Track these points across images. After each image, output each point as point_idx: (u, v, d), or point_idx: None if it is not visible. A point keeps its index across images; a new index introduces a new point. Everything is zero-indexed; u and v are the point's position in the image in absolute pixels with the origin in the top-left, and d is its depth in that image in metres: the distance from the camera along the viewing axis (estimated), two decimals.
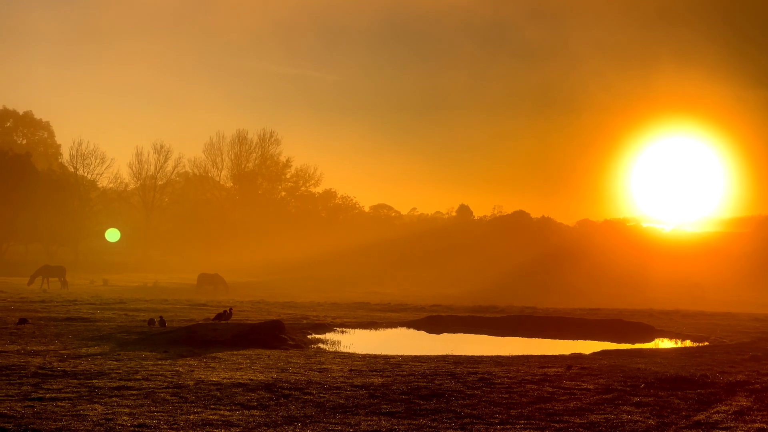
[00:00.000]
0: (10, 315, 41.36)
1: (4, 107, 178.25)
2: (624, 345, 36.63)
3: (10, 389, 19.87)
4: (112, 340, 31.82)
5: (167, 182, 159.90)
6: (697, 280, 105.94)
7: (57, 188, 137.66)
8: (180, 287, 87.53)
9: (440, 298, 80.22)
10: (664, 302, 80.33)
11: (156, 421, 16.90)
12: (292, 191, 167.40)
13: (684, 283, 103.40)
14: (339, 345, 34.59)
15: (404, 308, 59.61)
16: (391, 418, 17.93)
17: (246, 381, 22.17)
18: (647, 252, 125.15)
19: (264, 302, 62.21)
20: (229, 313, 39.50)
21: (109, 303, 54.32)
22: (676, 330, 44.03)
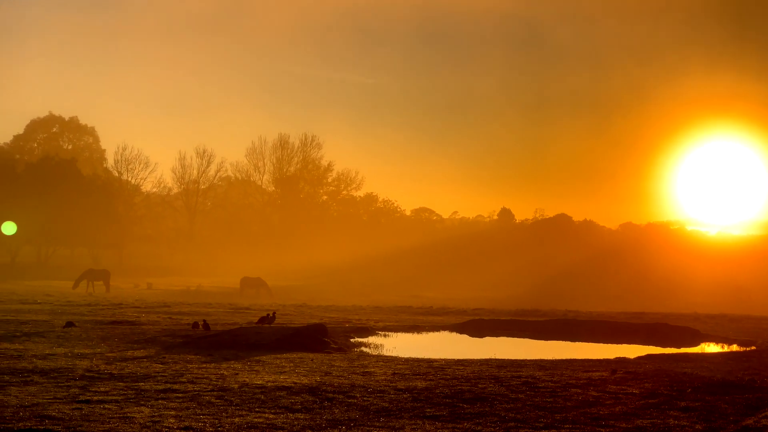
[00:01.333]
0: (57, 318, 41.75)
1: (50, 113, 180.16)
2: (669, 349, 36.32)
3: (58, 392, 20.08)
4: (157, 343, 32.04)
5: (210, 186, 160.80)
6: (742, 283, 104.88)
7: (102, 193, 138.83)
8: (223, 291, 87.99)
9: (482, 301, 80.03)
10: (709, 306, 79.61)
11: (202, 423, 17.01)
12: (334, 195, 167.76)
13: (729, 287, 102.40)
14: (382, 348, 34.58)
15: (446, 312, 59.51)
16: (435, 421, 17.91)
17: (290, 384, 22.24)
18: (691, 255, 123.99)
19: (306, 306, 62.38)
20: (273, 316, 39.63)
21: (154, 306, 54.69)
22: (722, 334, 43.59)
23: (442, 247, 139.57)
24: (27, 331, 35.01)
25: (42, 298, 61.78)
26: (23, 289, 75.78)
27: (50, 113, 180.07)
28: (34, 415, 17.17)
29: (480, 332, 43.75)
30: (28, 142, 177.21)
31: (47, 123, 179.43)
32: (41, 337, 32.70)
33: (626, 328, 44.71)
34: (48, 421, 16.71)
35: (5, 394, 19.48)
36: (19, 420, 16.72)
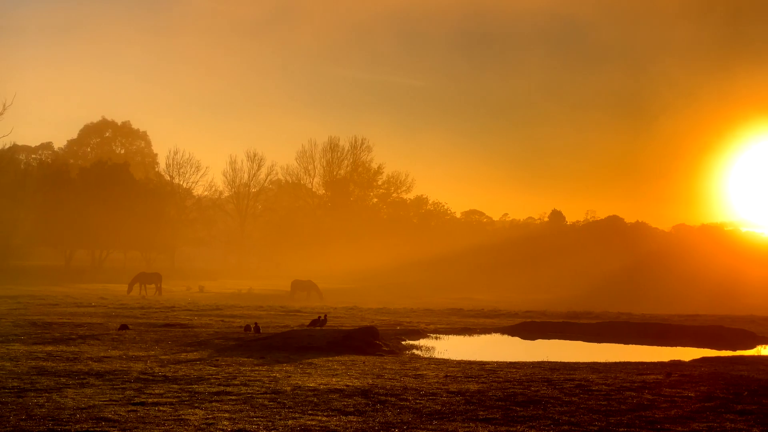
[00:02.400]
0: (112, 321, 42.18)
1: (103, 118, 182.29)
2: (725, 352, 35.90)
3: (113, 394, 20.27)
4: (210, 346, 32.25)
5: (260, 190, 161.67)
6: None
7: (154, 197, 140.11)
8: (274, 294, 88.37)
9: (533, 303, 79.67)
10: (764, 308, 78.62)
11: (255, 426, 17.08)
12: (384, 198, 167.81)
13: None
14: (433, 351, 34.54)
15: (497, 314, 59.31)
16: (488, 424, 17.84)
17: (342, 387, 22.27)
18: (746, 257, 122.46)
19: (357, 308, 62.47)
20: (324, 319, 39.75)
21: (206, 309, 55.06)
22: None
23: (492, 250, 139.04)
24: (82, 333, 35.42)
25: (96, 301, 62.45)
26: (78, 292, 76.66)
27: (103, 118, 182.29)
28: (91, 417, 17.35)
29: (532, 335, 43.58)
30: (82, 146, 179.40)
31: (100, 128, 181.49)
32: (96, 340, 33.05)
33: (680, 331, 44.29)
34: (104, 423, 16.87)
35: (62, 396, 19.70)
36: (75, 422, 16.90)
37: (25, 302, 57.89)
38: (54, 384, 21.58)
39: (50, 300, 61.35)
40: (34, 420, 17.01)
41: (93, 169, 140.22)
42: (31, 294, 69.51)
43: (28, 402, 18.88)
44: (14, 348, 29.42)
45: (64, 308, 52.56)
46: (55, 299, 62.61)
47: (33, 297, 64.81)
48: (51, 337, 33.59)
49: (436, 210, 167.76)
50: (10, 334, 34.38)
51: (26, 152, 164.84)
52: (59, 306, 54.80)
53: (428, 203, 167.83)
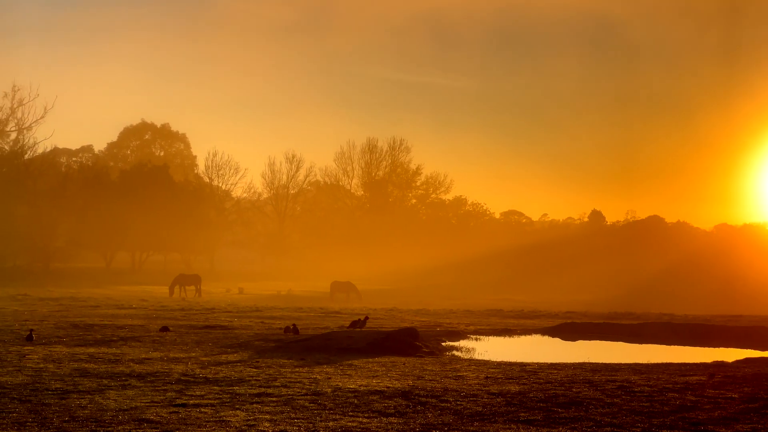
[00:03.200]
0: (152, 323, 42.42)
1: (142, 120, 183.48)
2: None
3: (155, 395, 20.37)
4: (250, 347, 32.34)
5: (299, 191, 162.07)
6: None
7: (193, 199, 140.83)
8: (313, 295, 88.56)
9: (574, 304, 79.29)
10: None
11: (296, 427, 17.10)
12: (423, 198, 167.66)
13: None
14: (473, 352, 34.45)
15: (538, 315, 59.06)
16: (530, 426, 17.76)
17: (382, 388, 22.25)
18: None
19: (397, 310, 62.44)
20: (364, 321, 39.74)
21: (245, 311, 55.24)
22: None
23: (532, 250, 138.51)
24: (123, 335, 35.65)
25: (137, 303, 62.85)
26: (118, 294, 77.21)
27: (143, 120, 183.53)
28: (133, 419, 17.44)
29: (572, 335, 43.35)
30: (122, 149, 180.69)
31: (140, 130, 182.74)
32: (137, 342, 33.25)
33: (723, 331, 43.85)
34: (146, 425, 16.96)
35: (104, 398, 19.83)
36: (118, 423, 17.00)
37: (67, 304, 58.37)
38: (96, 386, 21.72)
39: (91, 302, 61.81)
40: (77, 421, 17.12)
41: (133, 171, 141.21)
42: (73, 296, 70.09)
43: (70, 403, 19.02)
44: (57, 350, 29.67)
45: (105, 310, 52.94)
46: (96, 301, 63.07)
47: (74, 299, 65.35)
48: (93, 339, 33.83)
49: (474, 211, 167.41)
50: (52, 336, 34.67)
51: (67, 155, 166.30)
52: (100, 308, 55.20)
53: (467, 204, 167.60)
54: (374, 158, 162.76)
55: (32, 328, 35.70)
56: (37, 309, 52.29)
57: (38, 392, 20.47)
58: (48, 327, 38.45)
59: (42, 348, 30.06)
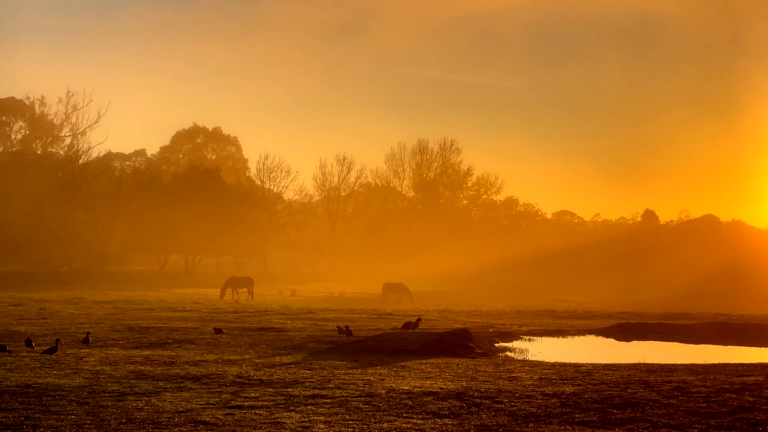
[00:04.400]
0: (206, 325, 42.72)
1: (194, 124, 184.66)
2: None
3: (210, 397, 20.52)
4: (304, 349, 32.46)
5: (350, 193, 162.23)
6: None
7: (245, 201, 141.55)
8: (365, 297, 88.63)
9: (627, 305, 78.61)
10: None
11: (351, 429, 17.14)
12: (474, 199, 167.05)
13: None
14: (527, 353, 34.33)
15: (591, 315, 58.68)
16: (585, 427, 17.66)
17: (436, 389, 22.23)
18: None
19: (449, 311, 62.33)
20: (416, 322, 39.70)
21: (298, 313, 55.43)
22: None
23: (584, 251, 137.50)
24: (178, 338, 35.95)
25: (190, 305, 63.30)
26: (172, 297, 77.81)
27: (194, 124, 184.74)
28: (189, 421, 17.57)
29: (627, 336, 43.00)
30: (174, 153, 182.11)
31: (192, 134, 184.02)
32: (192, 344, 33.51)
33: None
34: (202, 427, 17.09)
35: (160, 400, 20.00)
36: (174, 425, 17.14)
37: (122, 307, 58.96)
38: (152, 388, 21.92)
39: (146, 305, 62.36)
40: (135, 423, 17.29)
41: (185, 175, 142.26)
42: (128, 299, 70.79)
43: (127, 405, 19.21)
44: (113, 352, 29.98)
45: (159, 313, 53.40)
46: (151, 304, 63.62)
47: (129, 302, 66.00)
48: (148, 342, 34.15)
49: (526, 211, 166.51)
50: (108, 338, 35.05)
51: (120, 159, 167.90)
52: (155, 311, 55.68)
53: (518, 204, 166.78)
54: (425, 159, 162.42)
55: (89, 331, 36.10)
56: (93, 312, 52.88)
57: (95, 394, 20.70)
58: (104, 330, 38.88)
59: (98, 350, 30.40)
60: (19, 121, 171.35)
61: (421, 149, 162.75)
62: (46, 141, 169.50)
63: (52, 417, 17.79)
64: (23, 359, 27.41)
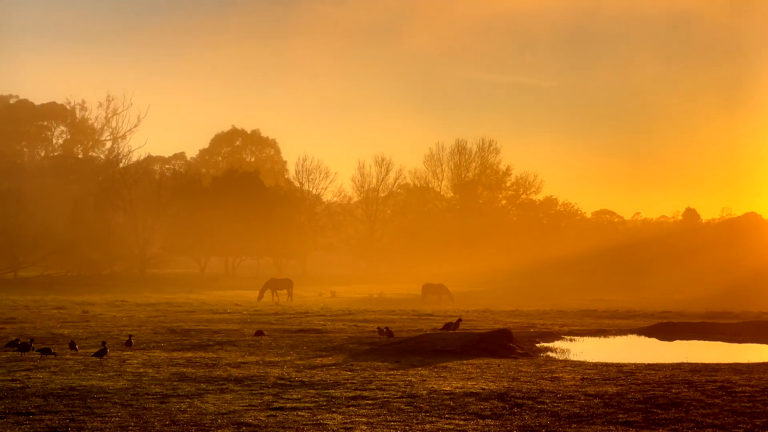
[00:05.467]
0: (247, 327, 42.87)
1: (233, 127, 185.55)
2: None
3: (253, 399, 20.59)
4: (345, 350, 32.50)
5: (389, 194, 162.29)
6: None
7: (284, 203, 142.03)
8: (405, 298, 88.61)
9: (669, 304, 78.08)
10: None
11: (393, 430, 17.15)
12: (513, 199, 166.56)
13: None
14: (568, 353, 34.17)
15: (633, 315, 58.32)
16: (629, 427, 17.56)
17: (478, 390, 22.19)
18: None
19: (489, 311, 62.18)
20: (457, 323, 39.62)
21: (338, 314, 55.49)
22: None
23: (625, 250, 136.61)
24: (219, 340, 36.11)
25: (231, 307, 63.57)
26: (213, 299, 78.20)
27: (233, 127, 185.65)
28: (232, 422, 17.65)
29: (669, 335, 42.66)
30: (213, 156, 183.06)
31: (231, 136, 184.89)
32: (233, 346, 33.65)
33: None
34: (245, 428, 17.16)
35: (203, 402, 20.10)
36: (217, 427, 17.22)
37: (163, 309, 59.30)
38: (195, 390, 22.04)
39: (187, 307, 62.69)
40: (178, 425, 17.39)
41: (224, 177, 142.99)
42: (169, 301, 71.18)
43: (171, 407, 19.32)
44: (155, 355, 30.17)
45: (200, 315, 53.68)
46: (192, 306, 63.94)
47: (170, 304, 66.36)
48: (190, 344, 34.34)
49: (566, 210, 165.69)
50: (150, 341, 35.27)
51: (160, 162, 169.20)
52: (196, 313, 55.96)
53: (558, 204, 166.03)
54: (463, 160, 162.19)
55: (131, 333, 36.35)
56: (135, 315, 53.25)
57: (139, 396, 20.84)
58: (146, 332, 39.13)
59: (141, 353, 30.61)
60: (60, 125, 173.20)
61: (459, 149, 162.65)
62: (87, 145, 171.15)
63: (96, 419, 17.93)
64: (67, 362, 27.66)
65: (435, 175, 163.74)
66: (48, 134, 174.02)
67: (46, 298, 72.28)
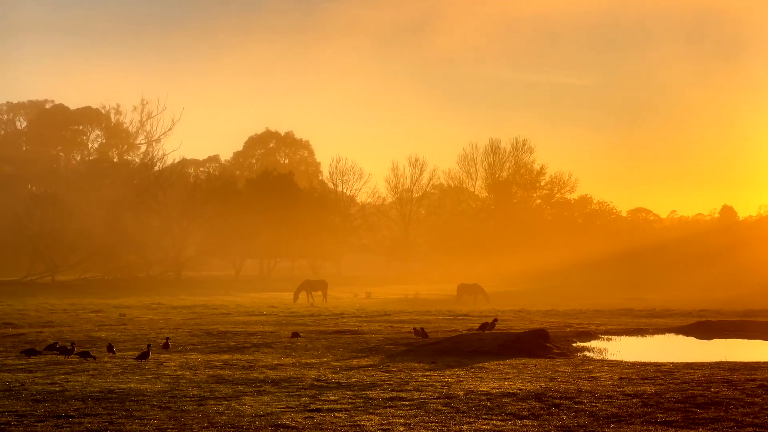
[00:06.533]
0: (283, 329, 42.95)
1: (266, 129, 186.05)
2: None
3: (290, 401, 20.63)
4: (381, 351, 32.49)
5: (423, 195, 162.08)
6: None
7: (318, 205, 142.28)
8: (440, 298, 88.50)
9: (707, 302, 77.43)
10: None
11: (431, 431, 17.10)
12: (547, 198, 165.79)
13: None
14: (605, 353, 34.00)
15: (670, 314, 57.92)
16: (668, 427, 17.44)
17: (515, 390, 22.11)
18: None
19: (525, 311, 61.96)
20: (493, 323, 39.52)
21: (374, 315, 55.49)
22: None
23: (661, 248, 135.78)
24: (255, 342, 36.20)
25: (267, 309, 63.74)
26: (248, 301, 78.44)
27: (267, 129, 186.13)
28: (269, 424, 17.68)
29: (707, 334, 42.33)
30: (248, 158, 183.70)
31: (264, 139, 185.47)
32: (269, 348, 33.73)
33: None
34: (282, 430, 17.20)
35: (240, 404, 20.15)
36: (255, 429, 17.26)
37: (199, 312, 59.55)
38: (232, 392, 22.11)
39: (223, 309, 62.91)
40: (216, 427, 17.44)
41: (259, 179, 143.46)
42: (204, 304, 71.46)
43: (208, 410, 19.39)
44: (192, 357, 30.30)
45: (236, 317, 53.84)
46: (228, 308, 64.15)
47: (206, 307, 66.62)
48: (226, 346, 34.46)
49: (601, 209, 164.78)
50: (187, 343, 35.42)
51: (195, 165, 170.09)
52: (232, 315, 56.15)
53: (593, 203, 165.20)
54: (497, 159, 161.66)
55: (168, 336, 36.53)
56: (172, 317, 53.52)
57: (177, 399, 20.93)
58: (182, 335, 39.29)
59: (178, 356, 30.74)
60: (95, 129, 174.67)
61: (493, 149, 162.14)
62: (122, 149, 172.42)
63: (135, 422, 18.02)
64: (105, 365, 27.83)
65: (469, 174, 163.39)
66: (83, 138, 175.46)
67: (84, 302, 72.80)
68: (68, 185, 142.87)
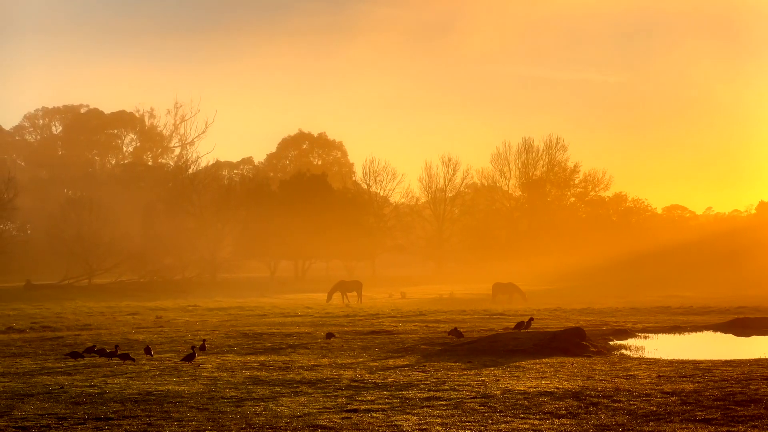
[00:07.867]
0: (318, 330, 43.03)
1: (299, 130, 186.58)
2: None
3: (326, 401, 20.67)
4: (417, 351, 32.48)
5: (457, 194, 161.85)
6: None
7: (352, 206, 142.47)
8: (475, 298, 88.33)
9: (744, 299, 76.84)
10: None
11: (468, 431, 17.09)
12: (581, 197, 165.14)
13: None
14: (643, 351, 33.81)
15: (707, 311, 57.54)
16: (708, 425, 17.32)
17: (552, 389, 22.04)
18: None
19: (561, 309, 61.74)
20: (528, 322, 39.40)
21: (409, 315, 55.49)
22: None
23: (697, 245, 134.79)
24: (292, 343, 36.29)
25: (302, 310, 63.88)
26: (284, 303, 78.63)
27: (300, 130, 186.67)
28: (307, 425, 17.73)
29: (746, 331, 41.95)
30: (281, 159, 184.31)
31: (297, 140, 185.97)
32: (305, 349, 33.80)
33: None
34: (320, 431, 17.24)
35: (278, 405, 20.22)
36: (293, 430, 17.32)
37: (235, 314, 59.79)
38: (269, 393, 22.18)
39: (258, 311, 63.11)
40: (254, 428, 17.51)
41: (292, 181, 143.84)
42: (240, 305, 71.69)
43: (246, 411, 19.47)
44: (229, 359, 30.42)
45: (272, 318, 54.01)
46: (263, 310, 64.35)
47: (242, 308, 66.85)
48: (262, 347, 34.56)
49: (636, 206, 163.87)
50: (224, 345, 35.56)
51: (228, 168, 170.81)
52: (267, 316, 56.32)
53: (627, 200, 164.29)
54: (531, 158, 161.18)
55: (204, 338, 36.69)
56: (208, 319, 53.76)
57: (214, 400, 21.02)
58: (219, 336, 39.45)
59: (215, 357, 30.88)
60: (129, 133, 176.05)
61: (526, 148, 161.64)
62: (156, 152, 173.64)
63: (173, 423, 18.12)
64: (143, 367, 28.00)
65: (502, 173, 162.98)
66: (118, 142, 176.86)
67: (120, 305, 73.27)
68: (103, 189, 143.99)
